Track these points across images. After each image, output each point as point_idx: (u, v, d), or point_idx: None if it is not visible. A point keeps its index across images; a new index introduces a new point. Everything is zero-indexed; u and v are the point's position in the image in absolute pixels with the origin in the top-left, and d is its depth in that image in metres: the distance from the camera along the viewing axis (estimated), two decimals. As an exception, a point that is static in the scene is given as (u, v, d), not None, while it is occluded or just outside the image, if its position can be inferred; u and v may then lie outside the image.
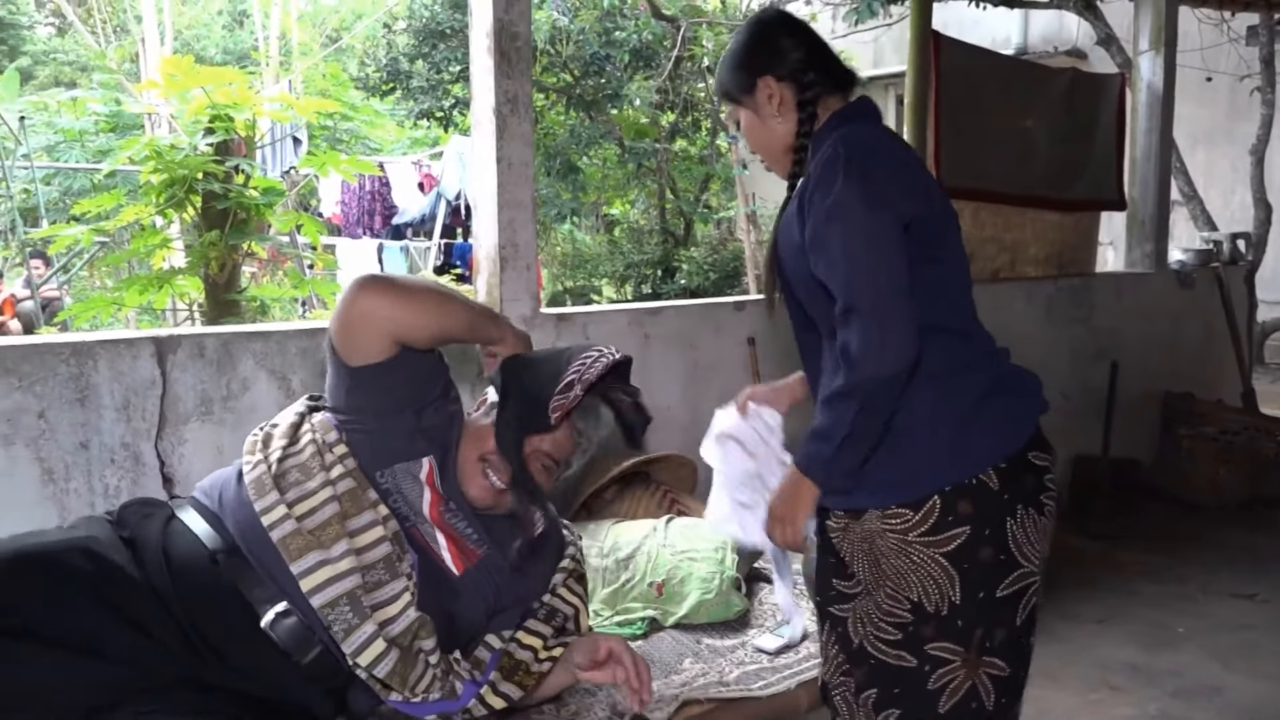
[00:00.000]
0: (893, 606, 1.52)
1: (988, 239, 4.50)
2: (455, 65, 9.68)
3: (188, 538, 1.54)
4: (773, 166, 1.71)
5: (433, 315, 1.64)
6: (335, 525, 1.54)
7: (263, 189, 4.02)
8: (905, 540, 1.50)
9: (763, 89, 1.63)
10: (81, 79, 18.01)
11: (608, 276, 11.17)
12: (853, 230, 1.44)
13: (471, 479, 1.72)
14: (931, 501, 1.49)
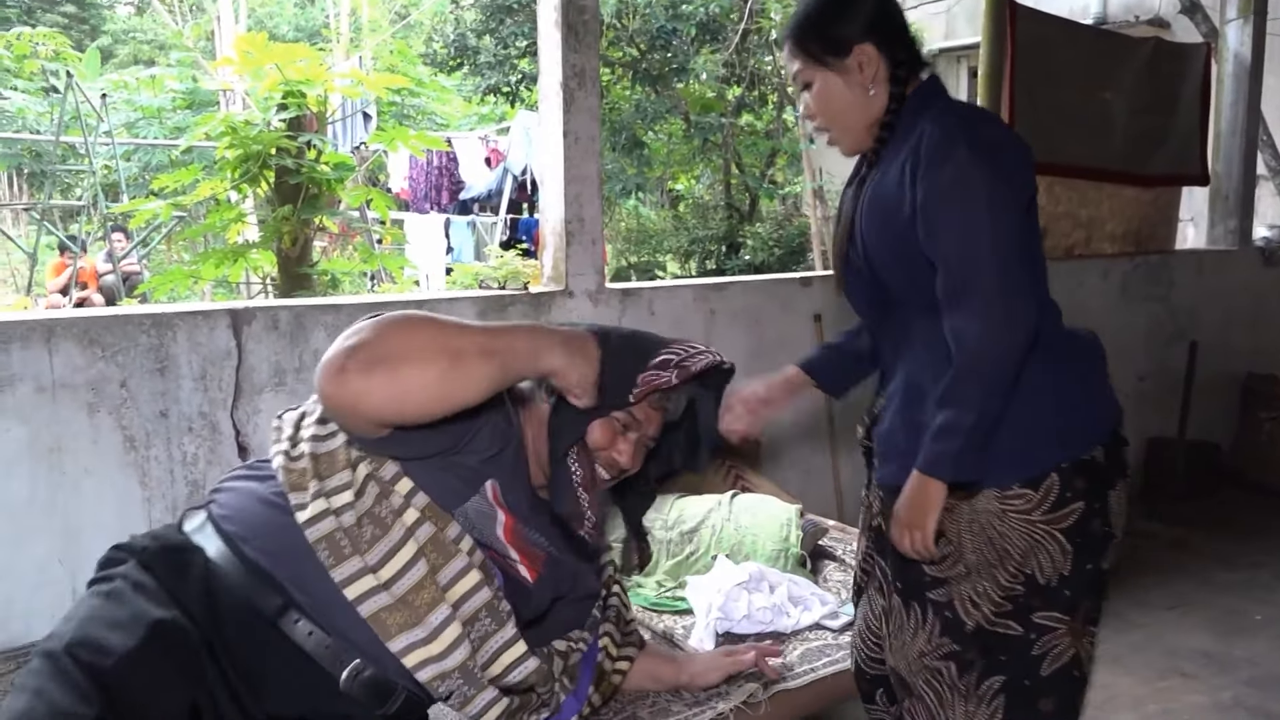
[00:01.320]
0: (1012, 583, 1.52)
1: (1063, 215, 4.39)
2: (522, 40, 9.70)
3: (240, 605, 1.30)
4: (841, 138, 1.62)
5: (440, 389, 1.25)
6: (429, 588, 1.33)
7: (334, 164, 4.09)
8: (1029, 520, 1.50)
9: (858, 55, 1.54)
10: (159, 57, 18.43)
11: (672, 252, 11.14)
12: (980, 207, 1.41)
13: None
14: (1050, 479, 1.49)
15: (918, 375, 1.57)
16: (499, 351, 1.29)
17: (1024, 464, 1.49)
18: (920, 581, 1.58)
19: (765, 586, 2.29)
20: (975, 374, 1.43)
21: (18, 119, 12.80)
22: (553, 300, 3.01)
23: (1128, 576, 3.68)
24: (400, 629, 1.30)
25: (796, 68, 1.59)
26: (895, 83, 1.55)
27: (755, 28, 9.14)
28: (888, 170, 1.53)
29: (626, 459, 1.50)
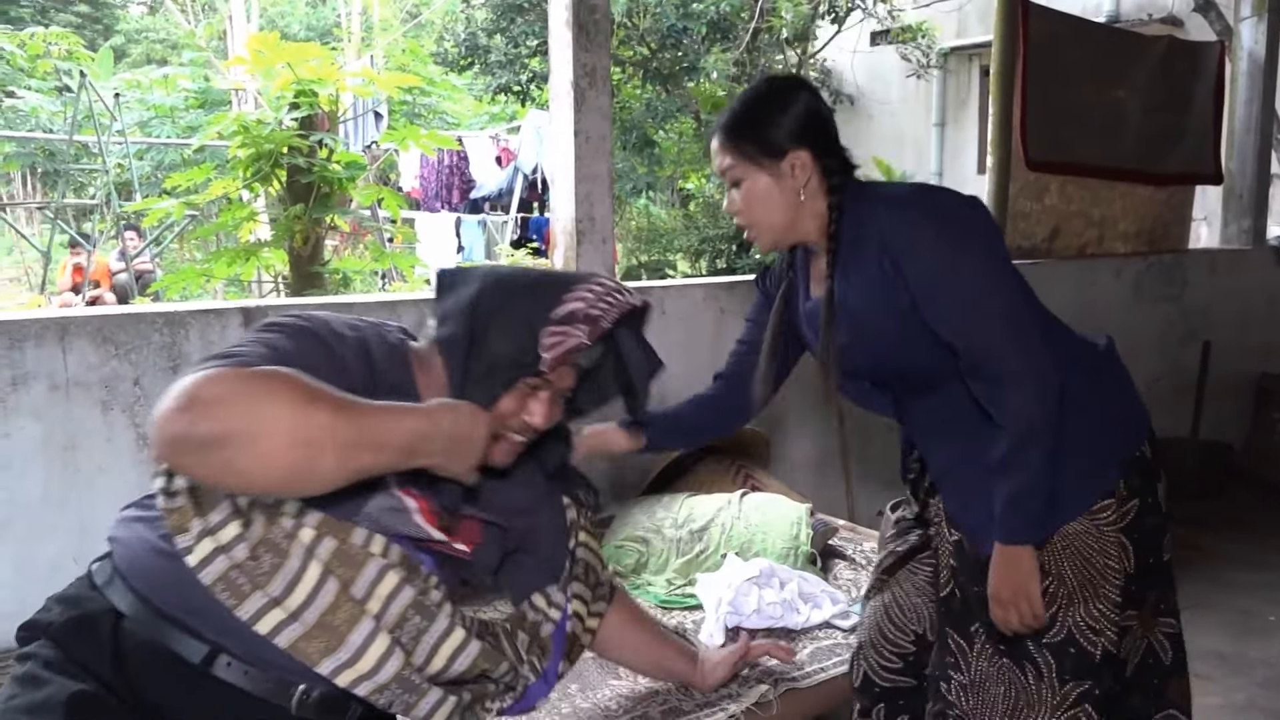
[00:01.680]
0: (1118, 595, 1.53)
1: (1075, 214, 4.37)
2: (533, 39, 9.70)
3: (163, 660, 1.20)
4: (761, 236, 1.61)
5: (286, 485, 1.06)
6: (345, 605, 1.22)
7: (345, 163, 4.10)
8: (1117, 529, 1.52)
9: (791, 159, 1.54)
10: (172, 56, 18.52)
11: (682, 251, 11.13)
12: (975, 276, 1.46)
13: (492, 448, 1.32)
14: (1118, 486, 1.53)
15: (972, 445, 1.55)
16: (364, 447, 1.06)
17: (1099, 479, 1.53)
18: (1024, 635, 1.54)
19: (775, 582, 2.29)
20: (1024, 437, 1.45)
21: (31, 118, 12.88)
22: (563, 299, 3.02)
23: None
24: (323, 654, 1.20)
25: (726, 164, 1.58)
26: (833, 192, 1.56)
27: (766, 26, 9.13)
28: (859, 275, 1.52)
29: (540, 418, 1.34)
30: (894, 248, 1.47)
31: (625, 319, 1.39)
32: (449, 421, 1.16)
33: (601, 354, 1.44)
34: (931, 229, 1.45)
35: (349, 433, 1.04)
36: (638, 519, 2.75)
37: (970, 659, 1.58)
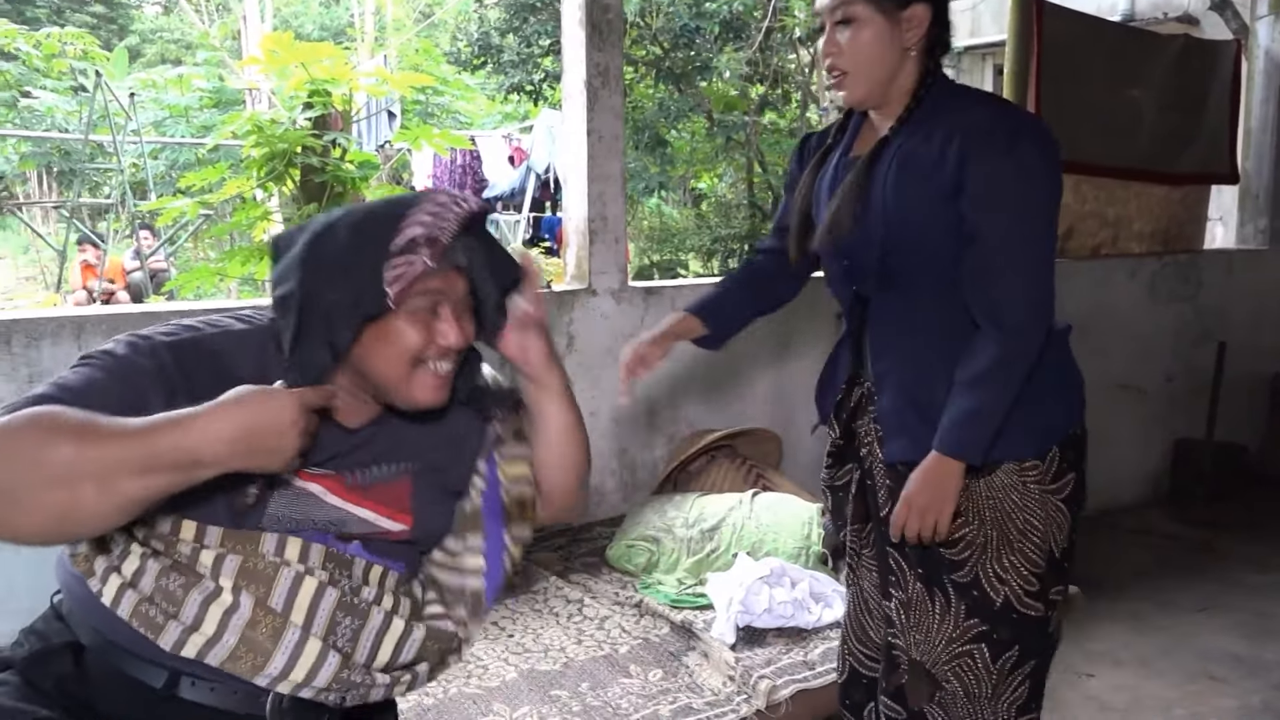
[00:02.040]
0: (1037, 558, 1.56)
1: (1089, 214, 4.35)
2: (546, 39, 9.71)
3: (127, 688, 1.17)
4: (855, 87, 1.57)
5: (60, 532, 0.99)
6: (265, 619, 1.17)
7: (358, 163, 4.10)
8: (1043, 490, 1.56)
9: (913, 12, 1.53)
10: (186, 56, 18.61)
11: (695, 250, 11.13)
12: (1039, 205, 1.50)
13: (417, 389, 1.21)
14: (1053, 451, 1.57)
15: (925, 353, 1.60)
16: (124, 473, 0.95)
17: (1039, 438, 1.56)
18: (941, 563, 1.60)
19: (786, 581, 2.29)
20: (1016, 354, 1.49)
21: (47, 118, 12.95)
22: (575, 299, 3.02)
23: (1155, 580, 3.64)
24: (255, 670, 1.16)
25: (839, 1, 1.53)
26: (933, 54, 1.58)
27: (779, 26, 9.11)
28: (925, 142, 1.53)
29: (455, 336, 1.21)
30: (971, 140, 1.49)
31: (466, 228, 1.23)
32: (230, 420, 1.00)
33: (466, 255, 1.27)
34: (1030, 143, 1.49)
35: (99, 463, 0.95)
36: (649, 518, 2.75)
37: (909, 578, 1.64)
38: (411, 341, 1.18)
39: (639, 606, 2.45)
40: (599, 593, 2.56)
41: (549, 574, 2.67)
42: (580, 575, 2.69)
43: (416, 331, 1.18)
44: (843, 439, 1.77)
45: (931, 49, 1.57)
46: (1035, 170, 1.49)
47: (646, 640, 2.29)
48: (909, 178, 1.53)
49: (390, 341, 1.18)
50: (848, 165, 1.64)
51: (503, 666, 2.20)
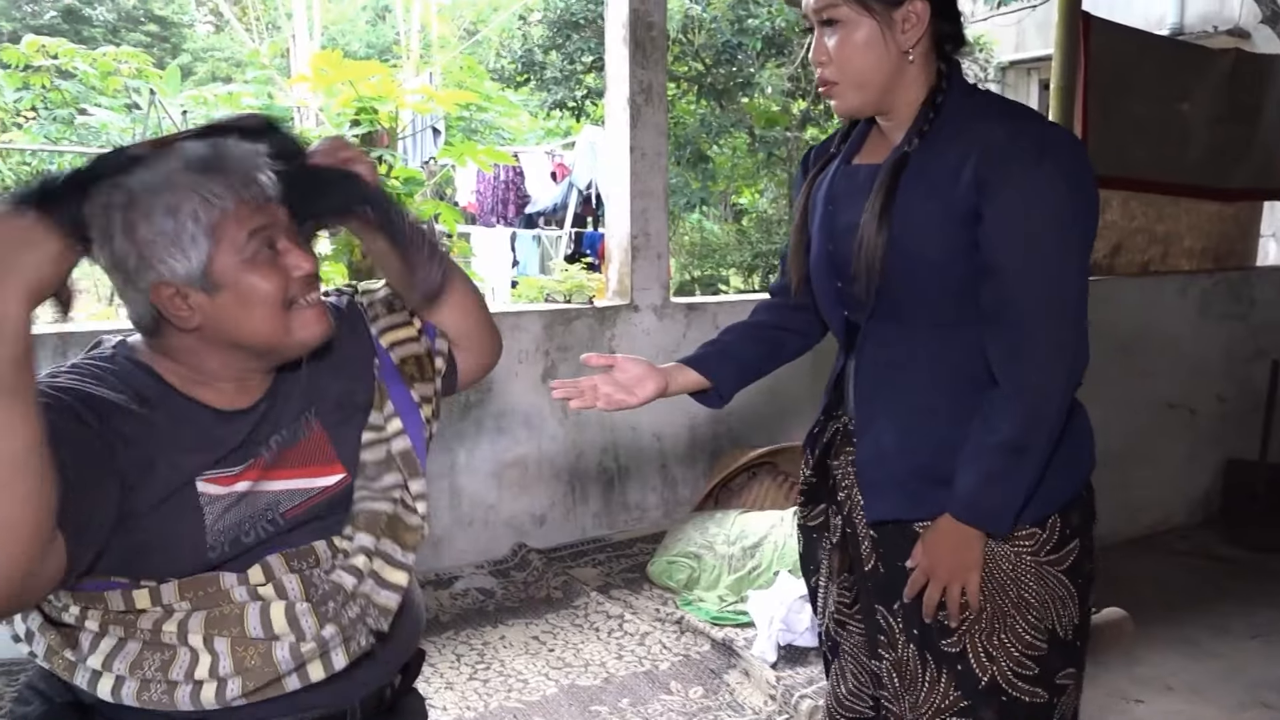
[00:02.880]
0: (1034, 638, 1.39)
1: (1137, 230, 4.29)
2: (588, 56, 9.77)
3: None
4: (846, 95, 1.39)
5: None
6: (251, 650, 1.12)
7: (404, 179, 4.15)
8: (1039, 562, 1.38)
9: (908, 9, 1.34)
10: (236, 74, 18.95)
11: (735, 266, 11.12)
12: (1067, 236, 1.30)
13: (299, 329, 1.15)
14: (1054, 518, 1.39)
15: (912, 393, 1.42)
16: None
17: (1036, 504, 1.37)
18: (931, 629, 1.43)
19: None
20: (1040, 416, 1.31)
21: (102, 134, 13.25)
22: (618, 314, 3.03)
23: (1207, 604, 3.57)
24: (278, 687, 1.14)
25: (823, 2, 1.35)
26: (943, 55, 1.39)
27: (821, 41, 9.10)
28: (940, 158, 1.35)
29: (306, 264, 1.13)
30: (990, 158, 1.29)
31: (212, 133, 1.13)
32: None
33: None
34: (1051, 168, 1.29)
35: None
36: (690, 535, 2.75)
37: (898, 638, 1.47)
38: (271, 288, 1.11)
39: (680, 623, 2.44)
40: (640, 609, 2.56)
41: (590, 589, 2.67)
42: (621, 591, 2.69)
43: (266, 276, 1.11)
44: (815, 476, 1.60)
45: (940, 47, 1.39)
46: (1062, 194, 1.28)
47: (687, 657, 2.28)
48: (917, 196, 1.35)
49: (249, 300, 1.10)
50: (848, 174, 1.47)
51: (543, 681, 2.21)
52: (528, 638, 2.45)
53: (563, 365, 2.98)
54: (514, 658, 2.34)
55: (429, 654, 2.38)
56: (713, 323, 3.20)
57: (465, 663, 2.33)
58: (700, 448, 3.27)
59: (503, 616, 2.59)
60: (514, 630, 2.50)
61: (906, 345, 1.42)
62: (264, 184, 1.11)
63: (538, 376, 2.95)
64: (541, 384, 2.96)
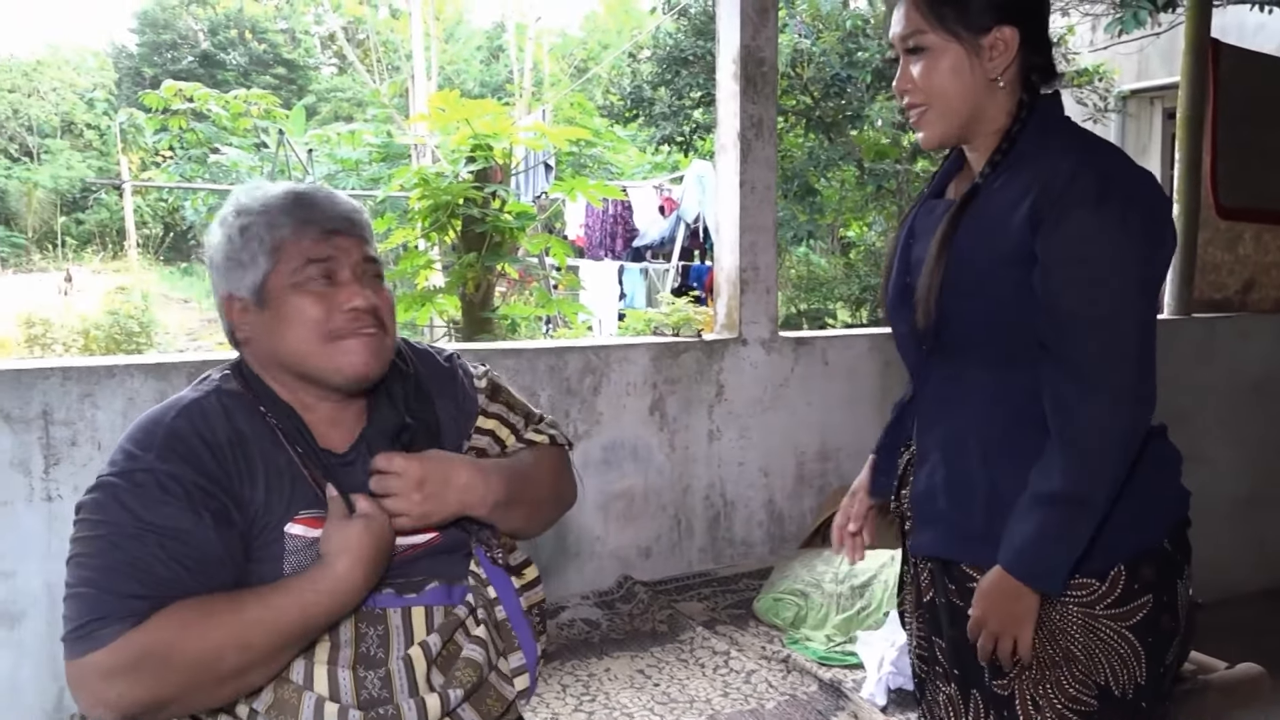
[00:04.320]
0: (1080, 692, 1.33)
1: (1272, 264, 4.10)
2: (696, 91, 9.86)
3: None
4: (933, 122, 1.37)
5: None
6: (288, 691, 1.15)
7: (516, 213, 4.26)
8: (1092, 615, 1.32)
9: (996, 36, 1.31)
10: (357, 113, 19.74)
11: (843, 299, 11.01)
12: (1129, 280, 1.24)
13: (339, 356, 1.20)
14: (1117, 570, 1.31)
15: (965, 431, 1.39)
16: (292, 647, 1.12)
17: (1098, 554, 1.30)
18: (978, 669, 1.39)
19: None
20: (1100, 465, 1.25)
21: (232, 172, 13.94)
22: (725, 347, 3.03)
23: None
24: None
25: (912, 27, 1.33)
26: (1029, 86, 1.36)
27: (933, 73, 9.00)
28: (1002, 192, 1.32)
29: (361, 298, 1.20)
30: (1050, 189, 1.26)
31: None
32: (359, 568, 1.14)
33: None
34: (1116, 207, 1.23)
35: (262, 653, 1.10)
36: (797, 572, 2.71)
37: (945, 674, 1.45)
38: (314, 313, 1.19)
39: (786, 662, 2.41)
40: (745, 645, 2.53)
41: (695, 624, 2.66)
42: (727, 627, 2.67)
43: (313, 302, 1.19)
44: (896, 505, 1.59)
45: (1027, 77, 1.35)
46: (1125, 236, 1.23)
47: (794, 697, 2.24)
48: (975, 232, 1.32)
49: (290, 319, 1.19)
50: (929, 208, 1.47)
51: (648, 716, 2.20)
52: (633, 671, 2.45)
53: (670, 398, 2.99)
54: (619, 690, 2.35)
55: (536, 683, 2.40)
56: (821, 357, 3.17)
57: (571, 694, 2.35)
58: (808, 483, 3.23)
59: (608, 648, 2.60)
60: (619, 663, 2.50)
61: (962, 383, 1.40)
62: (335, 220, 1.22)
63: (645, 409, 2.96)
64: (649, 416, 2.97)
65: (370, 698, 1.17)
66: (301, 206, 1.21)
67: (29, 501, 2.21)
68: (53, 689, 2.24)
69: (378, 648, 1.20)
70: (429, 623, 1.24)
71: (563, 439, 1.47)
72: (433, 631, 1.23)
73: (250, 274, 1.19)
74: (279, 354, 1.20)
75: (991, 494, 1.36)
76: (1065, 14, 8.68)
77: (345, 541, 1.13)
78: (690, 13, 10.04)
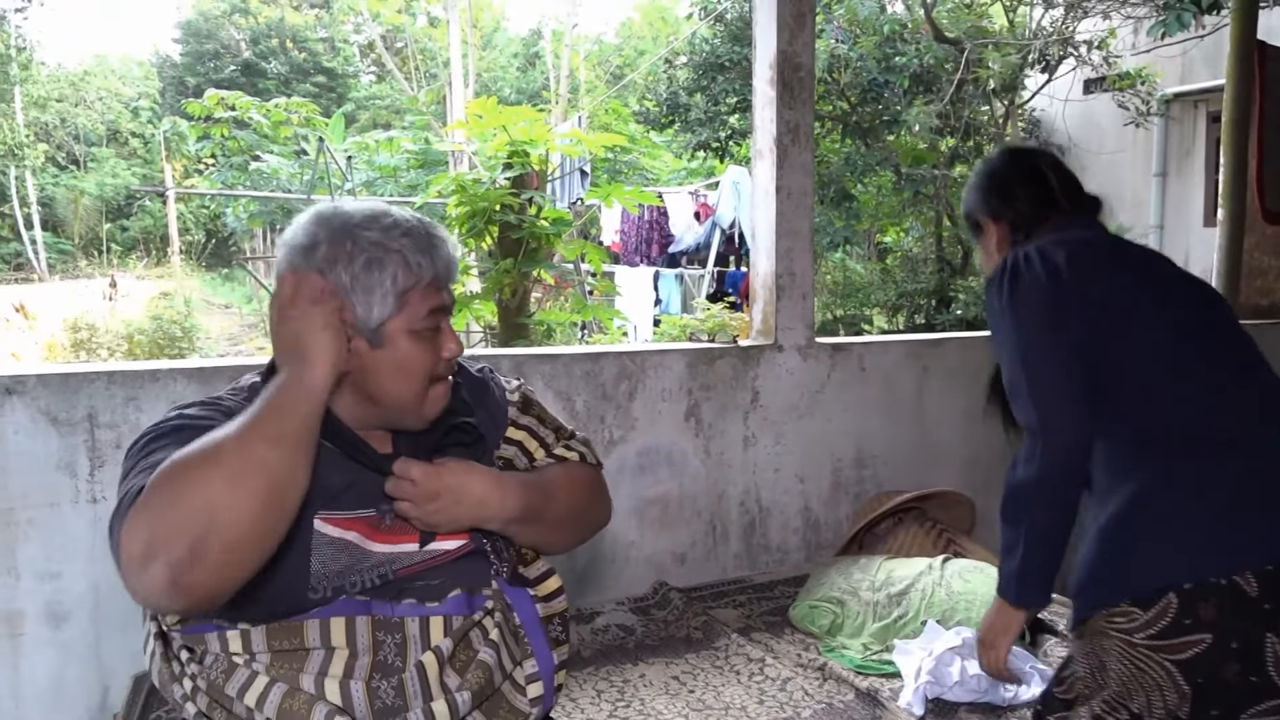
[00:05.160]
0: (1105, 713, 1.36)
1: (1319, 270, 4.02)
2: (732, 97, 9.86)
3: None
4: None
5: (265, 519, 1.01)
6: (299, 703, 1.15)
7: (552, 220, 4.27)
8: (1130, 642, 1.32)
9: (989, 229, 1.78)
10: (395, 120, 19.94)
11: (879, 306, 10.94)
12: (1007, 342, 1.53)
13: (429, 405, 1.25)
14: (1166, 599, 1.30)
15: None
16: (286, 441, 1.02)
17: (1134, 581, 1.34)
18: (1052, 700, 1.55)
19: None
20: (1018, 499, 1.48)
21: (272, 179, 14.14)
22: (761, 354, 3.02)
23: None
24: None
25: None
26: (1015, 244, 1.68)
27: (971, 77, 8.92)
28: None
29: (455, 345, 1.26)
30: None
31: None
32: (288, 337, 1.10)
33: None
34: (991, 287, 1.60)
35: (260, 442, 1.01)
36: (833, 579, 2.70)
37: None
38: (425, 362, 1.22)
39: (823, 670, 2.39)
40: (781, 653, 2.52)
41: (731, 630, 2.65)
42: (762, 634, 2.65)
43: (426, 350, 1.22)
44: None
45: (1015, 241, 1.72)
46: (997, 309, 1.56)
47: (830, 705, 2.23)
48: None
49: (403, 365, 1.20)
50: None
51: (683, 722, 2.19)
52: (668, 677, 2.45)
53: (705, 404, 2.99)
54: (654, 697, 2.34)
55: (570, 688, 2.40)
56: (858, 364, 3.16)
57: (605, 699, 2.34)
58: (844, 490, 3.22)
59: (643, 654, 2.59)
60: (654, 669, 2.50)
61: None
62: (452, 268, 1.24)
63: (680, 415, 2.96)
64: (685, 422, 2.97)
65: (384, 706, 1.17)
66: (434, 249, 1.22)
67: (74, 504, 2.25)
68: (98, 688, 2.28)
69: (395, 656, 1.20)
70: (447, 630, 1.23)
71: (593, 458, 1.46)
72: (447, 637, 1.23)
73: (374, 310, 1.18)
74: (380, 392, 1.21)
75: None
76: (1107, 17, 8.58)
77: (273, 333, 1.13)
78: (726, 18, 10.04)
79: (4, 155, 18.33)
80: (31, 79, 20.95)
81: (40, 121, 22.31)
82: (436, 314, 1.22)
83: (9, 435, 2.21)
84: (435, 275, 1.21)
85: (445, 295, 1.24)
